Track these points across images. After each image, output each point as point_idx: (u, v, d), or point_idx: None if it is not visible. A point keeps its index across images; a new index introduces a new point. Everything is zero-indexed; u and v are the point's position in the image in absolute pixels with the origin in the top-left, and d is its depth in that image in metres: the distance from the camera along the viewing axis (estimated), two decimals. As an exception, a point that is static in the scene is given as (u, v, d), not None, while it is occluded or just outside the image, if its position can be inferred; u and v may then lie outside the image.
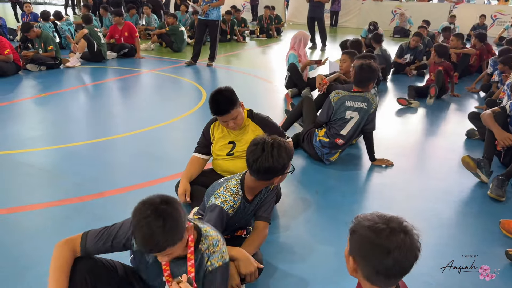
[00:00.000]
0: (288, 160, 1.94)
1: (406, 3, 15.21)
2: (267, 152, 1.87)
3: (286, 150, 1.91)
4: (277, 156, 1.87)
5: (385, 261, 1.13)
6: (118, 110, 5.24)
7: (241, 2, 16.07)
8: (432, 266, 2.28)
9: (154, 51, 9.25)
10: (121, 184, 3.15)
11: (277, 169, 1.90)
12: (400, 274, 1.16)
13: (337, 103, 3.50)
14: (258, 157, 1.87)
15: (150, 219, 1.38)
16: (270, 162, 1.86)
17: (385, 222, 1.16)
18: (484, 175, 3.26)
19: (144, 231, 1.37)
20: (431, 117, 5.22)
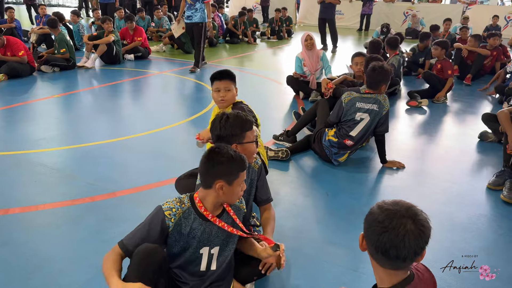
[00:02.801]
0: (240, 130, 2.04)
1: (418, 4, 15.08)
2: (217, 120, 2.07)
3: (237, 119, 2.05)
4: (224, 124, 2.03)
5: (380, 238, 1.17)
6: (130, 111, 5.28)
7: (252, 3, 16.10)
8: (445, 270, 2.25)
9: (166, 52, 9.32)
10: (133, 184, 3.18)
11: (225, 135, 2.03)
12: (400, 259, 1.17)
13: (348, 104, 3.49)
14: (211, 127, 2.08)
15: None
16: (218, 129, 2.04)
17: (396, 204, 1.21)
18: None
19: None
20: (442, 118, 5.17)
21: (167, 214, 1.72)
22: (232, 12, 15.47)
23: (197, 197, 1.77)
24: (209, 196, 1.74)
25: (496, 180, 3.24)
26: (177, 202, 1.76)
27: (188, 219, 1.75)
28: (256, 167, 2.25)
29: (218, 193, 1.71)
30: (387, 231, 1.17)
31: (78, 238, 2.48)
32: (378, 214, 1.21)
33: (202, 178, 1.74)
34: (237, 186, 1.73)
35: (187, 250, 1.78)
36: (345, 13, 15.21)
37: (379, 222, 1.19)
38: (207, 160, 1.70)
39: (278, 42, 11.74)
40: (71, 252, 2.36)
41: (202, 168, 1.72)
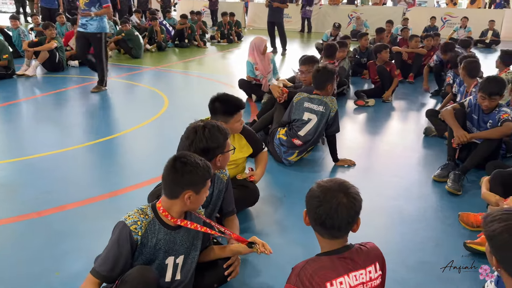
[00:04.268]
0: (223, 140, 2.05)
1: (361, 7, 15.66)
2: (200, 133, 2.00)
3: (219, 129, 2.04)
4: (210, 136, 2.00)
5: (317, 211, 1.37)
6: (75, 120, 5.06)
7: (200, 7, 16.01)
8: (397, 261, 2.34)
9: (113, 58, 9.04)
10: (81, 196, 3.04)
11: (212, 148, 2.01)
12: (335, 228, 1.37)
13: (298, 103, 3.59)
14: (193, 140, 2.00)
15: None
16: (204, 142, 1.99)
17: (332, 181, 1.42)
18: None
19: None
20: (389, 116, 5.39)
21: (133, 229, 1.64)
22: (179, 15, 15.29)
23: (161, 206, 1.71)
24: (175, 206, 1.69)
25: (441, 173, 3.42)
26: (140, 214, 1.68)
27: (154, 230, 1.69)
28: (224, 178, 2.25)
29: (186, 203, 1.67)
30: (322, 204, 1.36)
31: (26, 257, 2.33)
32: (315, 190, 1.42)
33: (167, 189, 1.68)
34: (204, 194, 1.72)
35: (153, 262, 1.72)
36: (293, 16, 15.50)
37: (316, 197, 1.39)
38: (174, 170, 1.64)
39: (228, 45, 11.75)
40: (20, 272, 2.21)
41: (168, 178, 1.66)
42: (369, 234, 2.20)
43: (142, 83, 6.85)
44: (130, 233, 1.63)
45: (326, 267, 1.36)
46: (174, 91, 6.56)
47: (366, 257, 1.42)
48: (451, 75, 5.52)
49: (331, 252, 1.40)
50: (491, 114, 3.38)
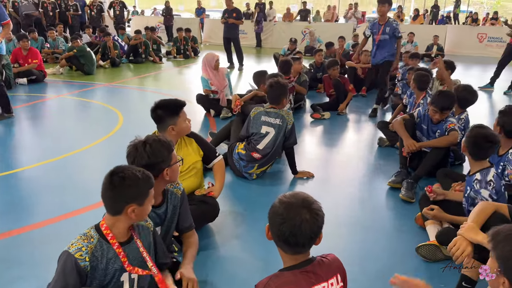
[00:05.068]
0: (167, 152, 1.99)
1: (314, 23, 16.16)
2: (141, 150, 1.93)
3: (161, 143, 1.98)
4: (151, 151, 1.93)
5: (280, 228, 1.35)
6: (23, 140, 4.81)
7: (154, 23, 15.88)
8: (357, 271, 2.38)
9: (64, 75, 8.73)
10: (30, 220, 2.87)
11: (157, 163, 1.94)
12: (297, 245, 1.35)
13: (255, 117, 3.62)
14: (135, 157, 1.93)
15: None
16: (146, 158, 1.92)
17: (294, 196, 1.40)
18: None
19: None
20: (344, 128, 5.54)
21: (78, 256, 1.57)
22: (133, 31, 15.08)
23: (104, 224, 1.66)
24: (119, 222, 1.65)
25: (395, 179, 3.55)
26: (83, 239, 1.62)
27: (102, 251, 1.62)
28: (179, 193, 2.19)
29: (130, 217, 1.63)
30: (285, 221, 1.34)
31: (-33, 288, 2.16)
32: (277, 207, 1.39)
33: (108, 206, 1.63)
34: (149, 203, 1.68)
35: (109, 282, 1.65)
36: (248, 32, 15.72)
37: (279, 214, 1.36)
38: (112, 187, 1.59)
39: (184, 61, 11.70)
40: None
41: (107, 195, 1.61)
42: (329, 245, 2.22)
43: (95, 100, 6.65)
44: (75, 262, 1.56)
45: (289, 282, 1.35)
46: (129, 107, 6.41)
47: (328, 270, 1.43)
48: (400, 86, 5.79)
49: (293, 266, 1.40)
50: (439, 124, 3.56)
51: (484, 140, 2.46)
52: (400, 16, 16.91)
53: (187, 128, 2.69)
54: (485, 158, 2.53)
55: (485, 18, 20.88)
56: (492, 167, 2.50)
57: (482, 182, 2.42)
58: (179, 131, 2.63)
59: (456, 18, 20.47)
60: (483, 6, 35.88)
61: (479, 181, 2.44)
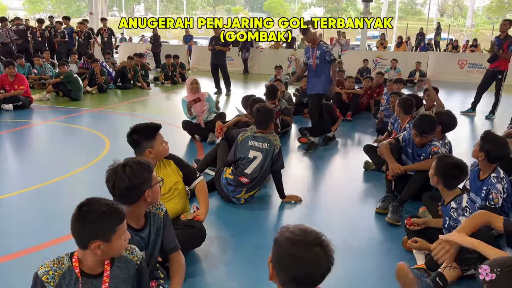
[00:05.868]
0: (148, 173, 1.95)
1: (299, 50, 16.50)
2: (120, 173, 1.88)
3: (140, 164, 1.94)
4: (131, 173, 1.89)
5: (298, 270, 1.25)
6: (7, 166, 4.74)
7: (142, 50, 16.03)
8: None
9: (50, 100, 8.69)
10: (14, 248, 2.81)
11: (137, 184, 1.90)
12: (312, 284, 1.28)
13: (242, 142, 3.63)
14: (115, 181, 1.88)
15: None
16: (127, 180, 1.87)
17: (303, 234, 1.30)
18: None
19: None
20: (331, 152, 5.59)
21: (44, 279, 1.55)
22: (122, 58, 15.18)
23: (76, 255, 1.62)
24: (87, 256, 1.61)
25: (382, 205, 3.57)
26: (54, 263, 1.59)
27: (70, 280, 1.58)
28: (161, 214, 2.15)
29: (95, 253, 1.57)
30: (300, 263, 1.25)
31: None
32: (287, 248, 1.28)
33: (75, 239, 1.59)
34: (118, 240, 1.60)
35: None
36: (235, 59, 15.97)
37: (292, 256, 1.26)
38: (76, 219, 1.56)
39: (172, 86, 11.76)
40: None
41: (73, 228, 1.58)
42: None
43: (81, 126, 6.62)
44: (42, 284, 1.55)
45: None
46: (116, 133, 6.39)
47: None
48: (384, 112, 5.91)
49: None
50: (423, 148, 3.63)
51: (455, 169, 2.52)
52: (383, 44, 17.40)
53: (164, 150, 2.70)
54: (457, 186, 2.59)
55: (465, 45, 21.62)
56: (463, 193, 2.56)
57: (459, 209, 2.47)
58: (156, 154, 2.64)
59: (437, 45, 21.16)
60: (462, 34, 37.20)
61: (455, 209, 2.49)
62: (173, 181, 2.77)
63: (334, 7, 59.42)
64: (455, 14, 56.64)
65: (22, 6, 54.66)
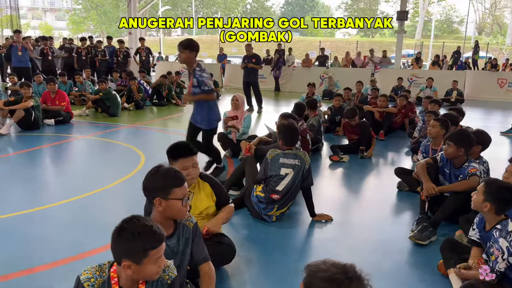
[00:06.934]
0: (164, 183, 1.97)
1: (332, 68, 16.51)
2: (150, 171, 2.05)
3: (160, 172, 2.00)
4: (148, 176, 2.02)
5: None
6: (49, 178, 4.95)
7: (178, 68, 16.50)
8: None
9: (89, 116, 9.06)
10: (52, 258, 2.92)
11: (148, 188, 2.02)
12: None
13: (272, 160, 3.64)
14: (146, 179, 2.04)
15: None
16: (144, 181, 2.02)
17: (342, 271, 1.21)
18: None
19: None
20: (363, 172, 5.51)
21: (86, 286, 1.58)
22: (158, 76, 15.67)
23: (115, 267, 1.63)
24: (122, 273, 1.60)
25: (416, 228, 3.45)
26: (96, 270, 1.62)
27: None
28: (191, 226, 2.16)
29: (126, 272, 1.56)
30: None
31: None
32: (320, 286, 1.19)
33: (112, 252, 1.61)
34: (150, 265, 1.56)
35: None
36: (267, 77, 16.15)
37: None
38: (112, 237, 1.58)
39: (205, 104, 11.98)
40: None
41: (111, 242, 1.59)
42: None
43: (118, 141, 6.84)
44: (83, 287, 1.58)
45: None
46: (151, 148, 6.56)
47: None
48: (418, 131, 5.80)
49: None
50: (461, 168, 3.52)
51: (508, 193, 2.42)
52: (419, 63, 17.11)
53: (191, 175, 2.63)
54: (507, 211, 2.48)
55: (505, 64, 20.92)
56: (508, 218, 2.44)
57: (503, 231, 2.36)
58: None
59: (475, 64, 20.59)
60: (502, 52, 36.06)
61: (499, 230, 2.39)
62: (204, 206, 2.76)
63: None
64: (494, 32, 55.05)
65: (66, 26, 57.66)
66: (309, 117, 6.30)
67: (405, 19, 16.67)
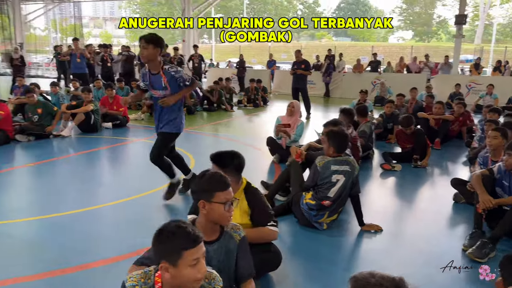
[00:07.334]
0: (209, 186, 2.02)
1: (384, 74, 16.06)
2: (200, 175, 2.12)
3: (209, 175, 2.07)
4: (198, 178, 2.09)
5: None
6: (105, 179, 5.21)
7: (229, 74, 16.80)
8: None
9: (144, 120, 9.44)
10: (108, 254, 3.07)
11: (193, 190, 2.13)
12: None
13: (323, 167, 3.58)
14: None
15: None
16: (195, 183, 2.12)
17: (391, 285, 1.18)
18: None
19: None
20: (416, 181, 5.30)
21: None
22: (209, 82, 16.05)
23: (159, 273, 1.60)
24: (163, 279, 1.58)
25: (470, 242, 3.26)
26: (142, 277, 1.61)
27: None
28: (237, 239, 2.12)
29: (165, 275, 1.55)
30: None
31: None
32: None
33: (154, 257, 1.63)
34: (186, 268, 1.53)
35: None
36: (317, 83, 16.01)
37: None
38: (153, 239, 1.58)
39: (254, 109, 12.11)
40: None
41: (151, 247, 1.60)
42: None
43: (170, 145, 7.06)
44: None
45: None
46: (201, 151, 6.71)
47: None
48: (477, 140, 5.48)
49: None
50: (523, 181, 3.29)
51: None
52: (478, 69, 16.21)
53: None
54: None
55: None
56: None
57: None
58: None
59: (542, 69, 19.18)
60: None
61: None
62: (236, 221, 2.57)
63: (424, 30, 57.04)
64: None
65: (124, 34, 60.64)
66: (360, 123, 6.17)
67: (463, 23, 15.90)
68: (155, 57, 3.78)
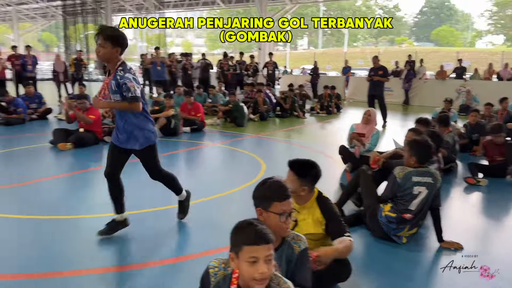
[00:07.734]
0: (267, 194, 2.04)
1: (471, 81, 14.96)
2: (262, 182, 2.15)
3: (265, 184, 2.08)
4: (259, 184, 2.12)
5: None
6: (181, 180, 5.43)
7: (302, 81, 16.77)
8: None
9: (220, 126, 9.76)
10: (174, 253, 3.25)
11: (253, 197, 2.12)
12: None
13: (403, 179, 3.41)
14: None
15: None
16: (255, 190, 2.14)
17: None
18: None
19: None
20: (505, 198, 4.84)
21: (211, 272, 1.72)
22: (282, 88, 16.16)
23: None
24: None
25: None
26: (223, 262, 1.74)
27: (224, 285, 1.68)
28: (296, 250, 2.04)
29: (232, 264, 1.65)
30: None
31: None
32: None
33: None
34: (243, 263, 1.56)
35: None
36: (394, 90, 15.36)
37: None
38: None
39: (327, 116, 11.95)
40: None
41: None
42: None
43: (242, 149, 7.21)
44: (207, 275, 1.73)
45: None
46: (272, 157, 6.77)
47: None
48: None
49: None
50: None
51: None
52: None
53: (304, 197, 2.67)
54: None
55: None
56: None
57: None
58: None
59: None
60: None
61: None
62: (308, 231, 2.57)
63: (516, 33, 52.33)
64: None
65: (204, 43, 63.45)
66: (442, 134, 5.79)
67: None
68: (112, 56, 3.14)
